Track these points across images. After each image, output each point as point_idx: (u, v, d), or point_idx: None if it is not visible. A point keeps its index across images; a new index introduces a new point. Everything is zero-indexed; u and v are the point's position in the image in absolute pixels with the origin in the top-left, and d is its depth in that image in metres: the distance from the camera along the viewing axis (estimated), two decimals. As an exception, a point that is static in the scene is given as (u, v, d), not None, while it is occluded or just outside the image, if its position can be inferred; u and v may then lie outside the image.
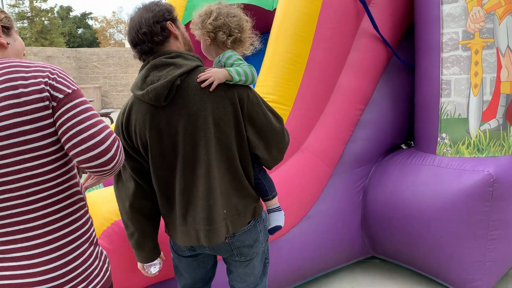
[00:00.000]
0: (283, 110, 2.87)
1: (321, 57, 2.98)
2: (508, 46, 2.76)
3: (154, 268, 1.88)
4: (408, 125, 3.40)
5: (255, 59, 2.87)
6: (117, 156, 1.26)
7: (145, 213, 1.76)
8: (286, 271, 2.82)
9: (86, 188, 1.55)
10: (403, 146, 3.44)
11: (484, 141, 2.84)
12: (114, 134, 1.29)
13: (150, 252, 1.83)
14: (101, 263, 1.39)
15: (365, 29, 3.22)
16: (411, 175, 3.02)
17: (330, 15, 3.01)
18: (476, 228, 2.74)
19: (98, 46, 32.48)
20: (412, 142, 3.37)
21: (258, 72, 3.01)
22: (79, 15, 36.50)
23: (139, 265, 1.89)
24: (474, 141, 2.86)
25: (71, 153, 1.23)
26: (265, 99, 2.85)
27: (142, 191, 1.73)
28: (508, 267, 2.96)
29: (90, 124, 1.22)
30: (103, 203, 2.28)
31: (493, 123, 2.83)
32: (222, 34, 1.68)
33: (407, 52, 3.39)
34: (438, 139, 2.98)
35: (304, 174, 2.96)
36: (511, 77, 2.80)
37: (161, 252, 1.92)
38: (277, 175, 2.85)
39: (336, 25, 3.01)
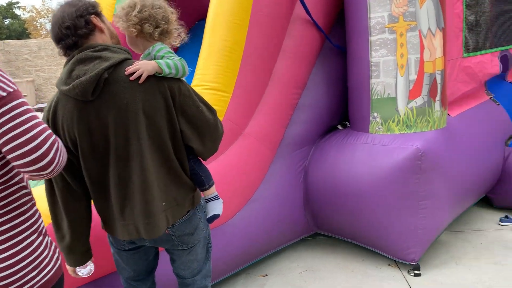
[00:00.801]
0: (224, 97, 2.91)
1: (257, 43, 3.03)
2: (429, 28, 2.96)
3: (85, 270, 1.82)
4: (343, 107, 3.56)
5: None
6: (56, 159, 1.26)
7: (76, 215, 1.72)
8: (233, 254, 2.89)
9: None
10: (340, 127, 3.59)
11: (412, 118, 3.04)
12: (54, 136, 1.28)
13: (81, 255, 1.79)
14: (51, 253, 1.40)
15: (298, 15, 3.31)
16: (347, 153, 3.18)
17: (264, 1, 3.06)
18: (408, 199, 2.94)
19: (29, 38, 30.61)
20: (347, 123, 3.53)
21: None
22: (5, 5, 34.15)
23: (69, 268, 1.83)
24: (402, 118, 3.05)
25: (8, 157, 1.22)
26: (205, 87, 2.92)
27: (72, 192, 1.70)
28: (437, 234, 3.21)
29: (26, 128, 1.20)
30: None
31: (419, 101, 3.03)
32: (148, 26, 1.68)
33: (339, 37, 3.53)
34: (370, 118, 3.15)
35: (247, 159, 3.03)
36: (433, 57, 3.00)
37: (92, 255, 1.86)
38: (220, 161, 2.90)
39: (270, 11, 3.08)
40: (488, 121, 3.80)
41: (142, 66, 1.58)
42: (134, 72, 1.58)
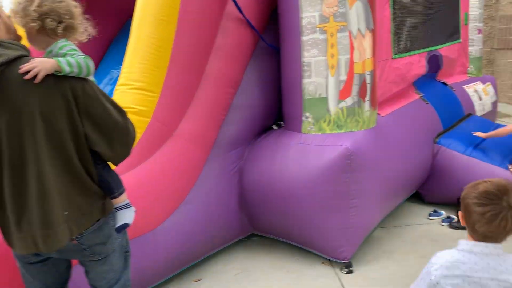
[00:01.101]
0: (151, 97, 2.80)
1: (187, 41, 2.94)
2: (358, 29, 3.00)
3: None
4: (278, 107, 3.54)
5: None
6: None
7: None
8: (163, 261, 2.80)
9: None
10: (275, 127, 3.58)
11: (342, 117, 3.08)
12: None
13: None
14: None
15: (231, 12, 3.25)
16: (281, 153, 3.17)
17: (193, -3, 2.98)
18: (339, 198, 2.98)
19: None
20: (282, 123, 3.52)
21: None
22: None
23: None
24: (333, 118, 3.08)
25: None
26: (131, 87, 2.79)
27: None
28: (368, 231, 3.28)
29: None
30: None
31: (349, 101, 3.07)
32: (51, 21, 1.55)
33: (274, 36, 3.50)
34: (303, 118, 3.15)
35: (178, 160, 2.93)
36: (362, 58, 3.05)
37: None
38: (149, 164, 2.79)
39: (200, 8, 3.00)
40: (417, 119, 3.94)
41: (38, 64, 1.46)
42: (29, 71, 1.45)
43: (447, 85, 4.86)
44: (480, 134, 3.97)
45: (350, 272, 3.07)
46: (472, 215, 1.49)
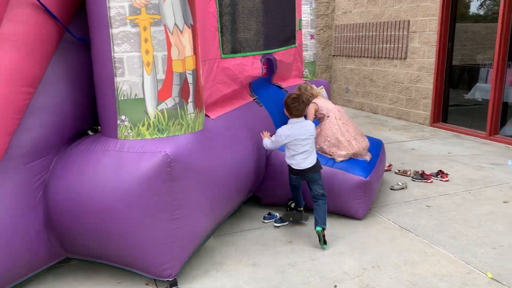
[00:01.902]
0: None
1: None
2: (175, 24, 2.73)
3: None
4: (93, 109, 3.10)
5: None
6: None
7: None
8: None
9: None
10: (90, 132, 3.13)
11: (164, 121, 2.79)
12: None
13: None
14: None
15: (28, -3, 2.71)
16: (93, 163, 2.74)
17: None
18: (160, 211, 2.67)
19: None
20: (99, 127, 3.09)
21: None
22: None
23: None
24: (153, 121, 2.77)
25: None
26: None
27: None
28: (197, 243, 3.05)
29: None
30: None
31: (169, 102, 2.79)
32: None
33: (84, 28, 3.05)
34: (118, 121, 2.78)
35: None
36: (182, 55, 2.80)
37: None
38: None
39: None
40: (250, 121, 3.86)
41: None
42: None
43: (282, 88, 4.94)
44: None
45: (176, 290, 2.80)
46: (290, 108, 3.44)
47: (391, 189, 4.63)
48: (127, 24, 2.64)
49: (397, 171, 5.16)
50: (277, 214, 3.86)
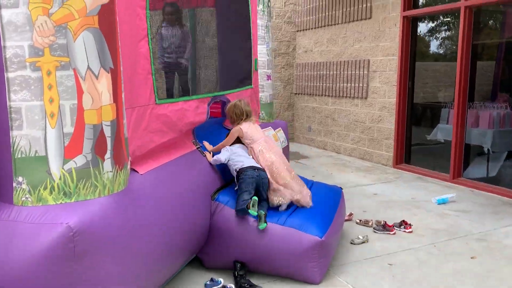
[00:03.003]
0: None
1: None
2: (89, 68, 2.30)
3: None
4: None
5: None
6: None
7: None
8: None
9: None
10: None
11: (71, 183, 2.30)
12: None
13: None
14: None
15: None
16: (-20, 236, 2.21)
17: None
18: (61, 296, 2.15)
19: None
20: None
21: None
22: None
23: None
24: (58, 183, 2.28)
25: None
26: None
27: None
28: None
29: None
30: None
31: (79, 160, 2.32)
32: None
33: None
34: (14, 184, 2.28)
35: None
36: (97, 104, 2.35)
37: None
38: None
39: None
40: (191, 174, 3.41)
41: None
42: None
43: (233, 132, 4.55)
44: (206, 143, 3.95)
45: None
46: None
47: (351, 243, 4.23)
48: (27, 67, 2.19)
49: (358, 221, 4.78)
50: (221, 280, 3.36)
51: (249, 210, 3.31)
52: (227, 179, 3.90)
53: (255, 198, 3.42)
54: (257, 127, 4.01)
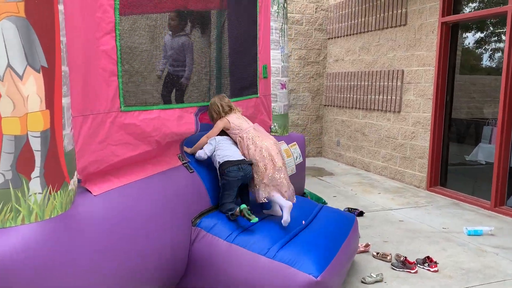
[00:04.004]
0: None
1: None
2: (9, 66, 1.88)
3: None
4: None
5: None
6: None
7: None
8: None
9: None
10: None
11: (-16, 206, 1.87)
12: None
13: None
14: None
15: None
16: None
17: None
18: None
19: None
20: None
21: None
22: None
23: None
24: (-34, 207, 1.86)
25: None
26: None
27: None
28: None
29: None
30: None
31: None
32: None
33: None
34: None
35: None
36: (21, 111, 1.92)
37: None
38: None
39: None
40: (166, 194, 2.92)
41: None
42: None
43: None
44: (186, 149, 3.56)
45: None
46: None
47: (362, 282, 3.59)
48: None
49: (375, 253, 4.13)
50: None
51: (251, 221, 3.03)
52: (215, 202, 3.39)
53: (244, 206, 3.11)
54: (245, 118, 3.72)
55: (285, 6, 4.93)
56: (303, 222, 3.43)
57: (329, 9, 9.26)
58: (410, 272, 3.79)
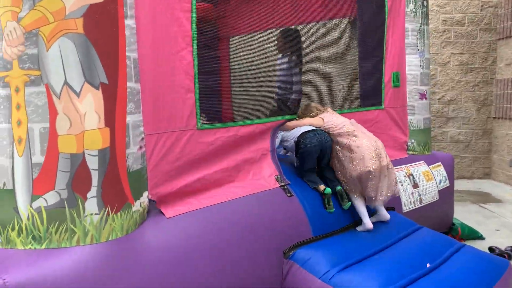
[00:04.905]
0: None
1: None
2: (66, 83, 1.84)
3: None
4: None
5: None
6: None
7: None
8: None
9: None
10: None
11: (41, 225, 1.86)
12: None
13: None
14: None
15: None
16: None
17: None
18: None
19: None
20: None
21: None
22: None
23: None
24: (26, 224, 1.86)
25: None
26: None
27: None
28: None
29: None
30: None
31: (50, 198, 1.86)
32: None
33: None
34: (-11, 220, 1.95)
35: None
36: (77, 128, 1.87)
37: None
38: None
39: None
40: (255, 222, 2.61)
41: None
42: None
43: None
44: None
45: None
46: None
47: None
48: (-3, 83, 1.86)
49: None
50: None
51: (326, 210, 2.99)
52: (321, 230, 2.95)
53: (329, 190, 3.01)
54: (338, 115, 3.32)
55: (425, 4, 4.21)
56: (428, 265, 2.73)
57: (499, 5, 7.83)
58: None
